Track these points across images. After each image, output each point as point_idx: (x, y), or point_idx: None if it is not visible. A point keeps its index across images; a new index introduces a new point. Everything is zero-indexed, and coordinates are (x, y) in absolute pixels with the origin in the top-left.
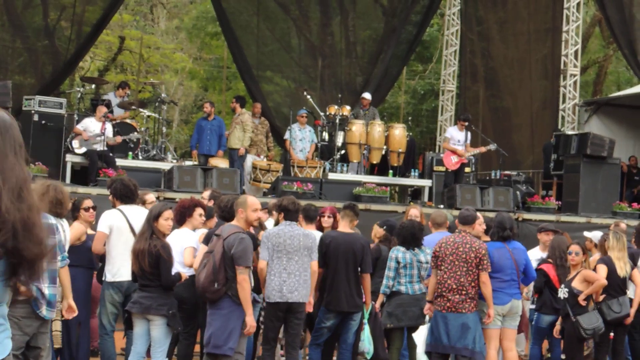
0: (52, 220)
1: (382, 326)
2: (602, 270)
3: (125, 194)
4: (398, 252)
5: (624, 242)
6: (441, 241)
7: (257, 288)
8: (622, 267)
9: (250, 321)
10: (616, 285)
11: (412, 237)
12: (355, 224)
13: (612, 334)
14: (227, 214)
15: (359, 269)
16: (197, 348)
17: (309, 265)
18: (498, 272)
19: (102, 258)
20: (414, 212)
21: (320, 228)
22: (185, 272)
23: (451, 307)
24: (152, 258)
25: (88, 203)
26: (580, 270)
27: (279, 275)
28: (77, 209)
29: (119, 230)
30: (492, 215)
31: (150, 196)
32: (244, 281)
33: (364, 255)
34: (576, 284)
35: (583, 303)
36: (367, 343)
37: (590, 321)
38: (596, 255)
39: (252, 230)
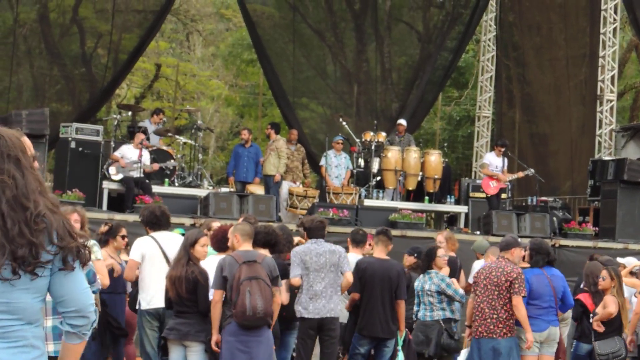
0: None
1: (415, 352)
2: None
3: (152, 221)
4: (417, 281)
5: None
6: (481, 268)
7: (290, 318)
8: None
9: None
10: None
11: (422, 262)
12: (390, 248)
13: None
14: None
15: (394, 295)
16: None
17: (336, 281)
18: (536, 299)
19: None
20: (439, 237)
21: None
22: None
23: (483, 332)
24: (189, 284)
25: (124, 232)
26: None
27: (307, 292)
28: (114, 234)
29: (151, 257)
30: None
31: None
32: (280, 299)
33: (400, 281)
34: (599, 309)
35: (598, 328)
36: None
37: (606, 346)
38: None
39: None
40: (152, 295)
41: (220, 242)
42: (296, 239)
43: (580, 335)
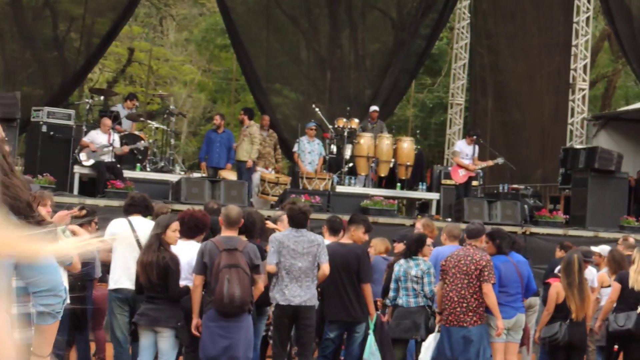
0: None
1: (389, 336)
2: (615, 288)
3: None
4: (397, 266)
5: None
6: (449, 256)
7: (260, 303)
8: None
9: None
10: (629, 300)
11: (408, 248)
12: (361, 232)
13: (616, 347)
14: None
15: (357, 279)
16: None
17: (313, 271)
18: (504, 287)
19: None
20: (418, 224)
21: None
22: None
23: (453, 320)
24: (160, 270)
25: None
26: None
27: (282, 280)
28: (89, 221)
29: (122, 238)
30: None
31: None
32: (263, 286)
33: (360, 265)
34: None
35: (544, 315)
36: (366, 354)
37: (547, 330)
38: (603, 271)
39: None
40: (120, 275)
41: (189, 229)
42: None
43: None
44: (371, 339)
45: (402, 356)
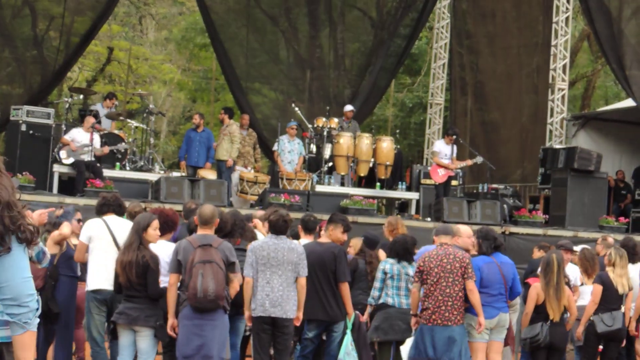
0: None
1: (366, 336)
2: (596, 290)
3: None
4: (386, 264)
5: (627, 259)
6: (424, 256)
7: (240, 303)
8: (624, 284)
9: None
10: (612, 300)
11: (405, 251)
12: (338, 231)
13: (601, 347)
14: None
15: (334, 278)
16: None
17: (293, 280)
18: (486, 287)
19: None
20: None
21: None
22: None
23: (437, 319)
24: (139, 268)
25: (79, 216)
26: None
27: (262, 289)
28: (68, 218)
29: (99, 239)
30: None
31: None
32: (238, 284)
33: (337, 264)
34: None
35: (524, 316)
36: (341, 354)
37: (528, 331)
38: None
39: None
40: (98, 276)
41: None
42: (255, 220)
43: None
44: (348, 338)
45: (388, 358)
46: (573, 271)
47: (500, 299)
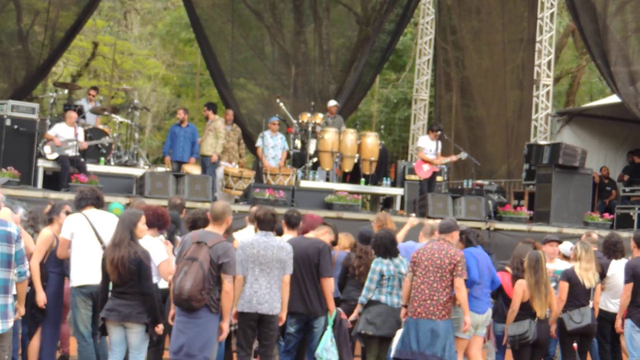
0: (14, 229)
1: (347, 333)
2: (562, 287)
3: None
4: (382, 265)
5: (593, 253)
6: (420, 248)
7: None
8: (590, 279)
9: (226, 328)
10: (580, 296)
11: (391, 243)
12: (326, 237)
13: (575, 345)
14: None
15: (317, 273)
16: (165, 354)
17: (280, 277)
18: (480, 279)
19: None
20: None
21: None
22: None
23: (422, 312)
24: (132, 264)
25: (68, 208)
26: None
27: (251, 285)
28: (57, 212)
29: (81, 234)
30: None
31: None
32: (232, 290)
33: (321, 259)
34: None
35: (510, 313)
36: (319, 349)
37: (515, 328)
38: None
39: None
40: (83, 271)
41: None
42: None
43: (494, 313)
44: (328, 334)
45: (376, 354)
46: (564, 266)
47: (487, 293)
